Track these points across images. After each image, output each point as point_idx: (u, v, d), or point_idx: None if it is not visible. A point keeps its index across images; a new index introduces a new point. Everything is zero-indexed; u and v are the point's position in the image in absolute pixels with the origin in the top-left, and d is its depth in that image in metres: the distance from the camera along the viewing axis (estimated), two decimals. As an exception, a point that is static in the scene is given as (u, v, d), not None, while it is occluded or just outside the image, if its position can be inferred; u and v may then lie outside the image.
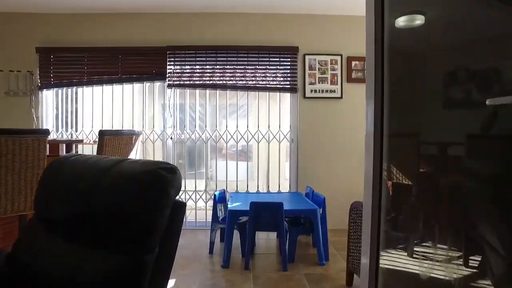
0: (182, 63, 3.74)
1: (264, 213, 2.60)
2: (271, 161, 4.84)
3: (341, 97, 3.66)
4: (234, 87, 3.73)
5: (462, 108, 0.83)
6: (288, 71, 3.73)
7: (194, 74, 3.75)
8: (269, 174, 5.60)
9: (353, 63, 3.67)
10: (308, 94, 3.65)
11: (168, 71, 3.70)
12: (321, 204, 2.80)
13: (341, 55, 3.66)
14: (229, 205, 2.82)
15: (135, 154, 2.81)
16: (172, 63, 3.71)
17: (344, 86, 3.67)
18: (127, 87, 3.89)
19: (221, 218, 3.00)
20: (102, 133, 2.32)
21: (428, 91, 0.96)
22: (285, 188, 3.99)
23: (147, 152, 5.26)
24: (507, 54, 0.67)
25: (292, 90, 3.70)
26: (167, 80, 3.71)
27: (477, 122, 0.76)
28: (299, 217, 2.92)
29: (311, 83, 3.65)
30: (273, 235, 3.33)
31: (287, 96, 3.86)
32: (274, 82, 3.74)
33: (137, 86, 4.01)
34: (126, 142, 2.55)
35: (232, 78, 3.72)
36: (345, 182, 3.70)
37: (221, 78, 3.73)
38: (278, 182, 3.96)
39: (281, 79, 3.75)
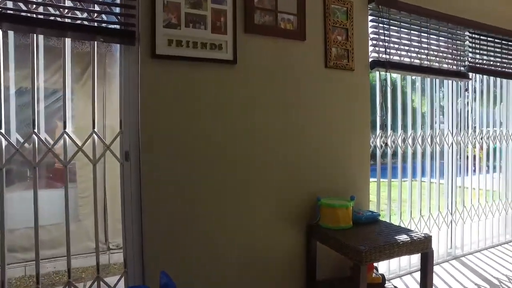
0: None
1: None
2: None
3: (234, 61, 1.77)
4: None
5: None
6: (115, -8, 1.61)
7: None
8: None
9: (256, -6, 1.84)
10: (162, 49, 1.61)
11: None
12: None
13: (233, -25, 1.77)
14: None
15: None
16: None
17: (239, 38, 1.79)
18: None
19: None
20: None
21: None
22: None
23: None
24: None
25: (126, 37, 1.59)
26: None
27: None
28: None
29: (169, 25, 1.63)
30: None
31: (114, 53, 1.72)
32: (81, 15, 1.54)
33: None
34: None
35: None
36: (255, 247, 1.84)
37: None
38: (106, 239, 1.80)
39: (99, 8, 1.58)
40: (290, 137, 1.94)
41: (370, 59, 2.21)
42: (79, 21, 1.51)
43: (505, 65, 3.05)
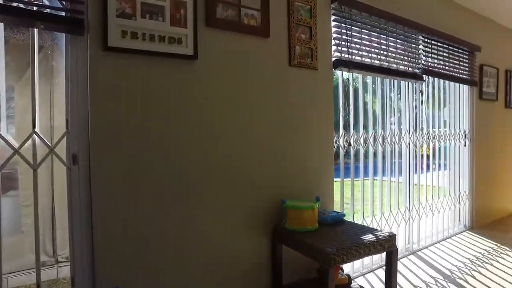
0: None
1: None
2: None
3: (195, 57, 1.66)
4: None
5: None
6: (58, -26, 1.42)
7: None
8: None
9: (218, -13, 1.74)
10: (115, 41, 1.46)
11: None
12: None
13: (193, -35, 1.66)
14: None
15: None
16: None
17: (200, 33, 1.69)
18: None
19: None
20: None
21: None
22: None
23: None
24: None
25: (72, 25, 1.41)
26: None
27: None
28: None
29: (122, 15, 1.48)
30: None
31: (61, 46, 1.54)
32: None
33: None
34: None
35: None
36: (219, 252, 1.73)
37: None
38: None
39: (36, -9, 1.39)
40: (252, 138, 1.87)
41: (333, 59, 2.22)
42: (15, 4, 1.31)
43: (452, 69, 3.25)
